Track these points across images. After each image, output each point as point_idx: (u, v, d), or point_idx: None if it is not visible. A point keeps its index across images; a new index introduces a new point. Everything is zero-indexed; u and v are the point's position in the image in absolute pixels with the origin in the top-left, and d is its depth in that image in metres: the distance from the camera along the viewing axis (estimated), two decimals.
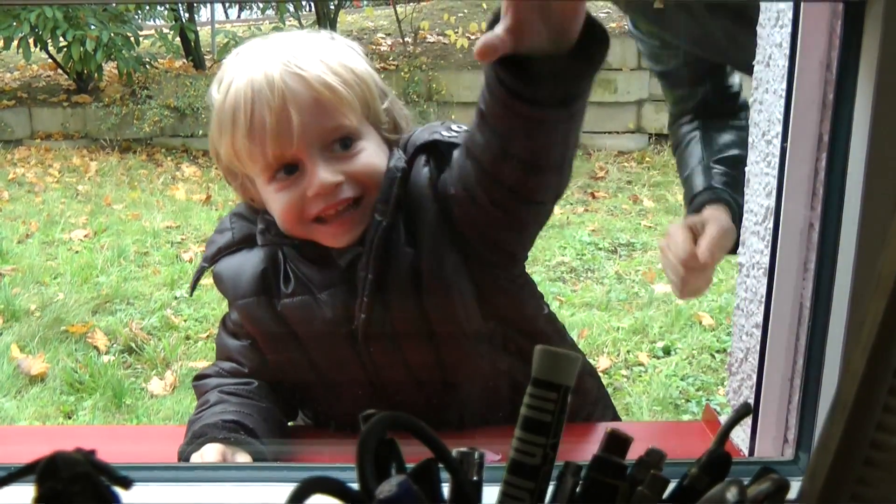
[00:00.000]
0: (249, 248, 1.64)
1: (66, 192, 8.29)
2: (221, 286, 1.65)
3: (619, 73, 10.16)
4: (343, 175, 1.49)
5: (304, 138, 1.46)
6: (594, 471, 0.78)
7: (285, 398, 1.65)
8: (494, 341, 1.61)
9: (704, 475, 0.79)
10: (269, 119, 1.45)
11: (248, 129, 1.47)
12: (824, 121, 1.22)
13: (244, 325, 1.62)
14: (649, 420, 4.05)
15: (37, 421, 4.07)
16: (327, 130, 1.48)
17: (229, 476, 1.26)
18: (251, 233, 1.64)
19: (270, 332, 1.60)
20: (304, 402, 1.71)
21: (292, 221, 1.51)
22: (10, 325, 5.06)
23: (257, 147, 1.47)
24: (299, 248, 1.58)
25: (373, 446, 0.70)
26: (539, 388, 0.74)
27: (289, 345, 1.59)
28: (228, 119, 1.49)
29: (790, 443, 1.34)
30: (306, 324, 1.57)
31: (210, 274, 1.69)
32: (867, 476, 0.75)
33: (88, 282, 5.78)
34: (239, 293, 1.61)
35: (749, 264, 1.48)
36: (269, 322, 1.58)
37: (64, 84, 10.87)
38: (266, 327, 1.60)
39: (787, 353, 1.33)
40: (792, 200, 1.28)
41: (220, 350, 1.69)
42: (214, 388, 1.61)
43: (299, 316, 1.57)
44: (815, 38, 1.21)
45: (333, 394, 1.64)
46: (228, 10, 16.39)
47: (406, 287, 1.51)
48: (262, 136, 1.46)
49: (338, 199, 1.49)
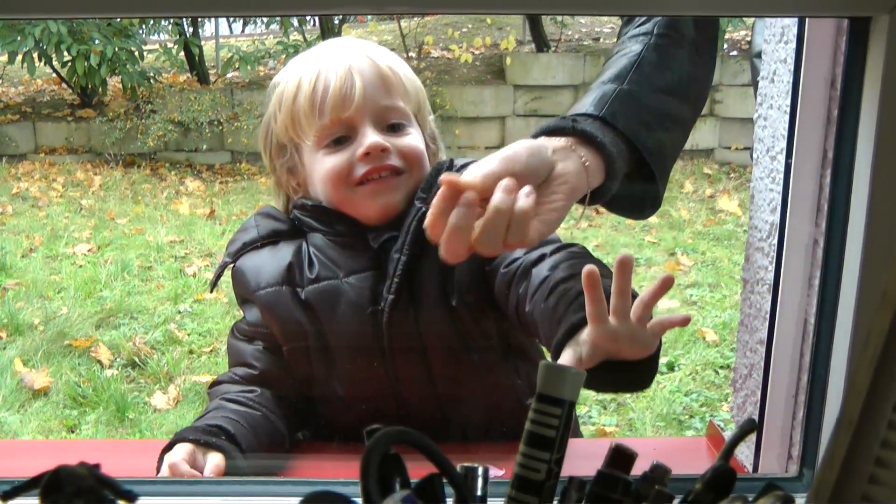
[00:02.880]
0: (274, 245, 1.66)
1: (70, 206, 8.29)
2: (241, 279, 1.66)
3: None
4: (392, 146, 1.57)
5: (362, 105, 1.55)
6: (598, 486, 0.78)
7: (292, 407, 1.65)
8: (507, 355, 1.62)
9: (709, 491, 0.79)
10: (334, 82, 1.56)
11: (311, 91, 1.57)
12: (829, 137, 1.22)
13: (263, 317, 1.63)
14: (652, 436, 4.04)
15: (40, 435, 4.07)
16: (384, 107, 1.59)
17: (233, 490, 1.26)
18: (277, 229, 1.68)
19: (292, 319, 1.60)
20: (310, 408, 1.70)
21: (337, 182, 1.58)
22: (14, 339, 5.05)
23: (317, 107, 1.56)
24: (332, 230, 1.61)
25: (377, 461, 0.70)
26: (543, 403, 0.74)
27: (308, 333, 1.60)
28: (292, 87, 1.59)
29: (794, 459, 1.33)
30: (330, 308, 1.58)
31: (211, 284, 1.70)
32: (871, 493, 0.75)
33: (92, 296, 5.78)
34: (261, 283, 1.62)
35: (753, 280, 1.48)
36: (292, 310, 1.60)
37: (68, 98, 10.88)
38: (287, 315, 1.60)
39: (791, 369, 1.33)
40: (796, 217, 1.28)
41: (232, 356, 1.69)
42: (221, 396, 1.61)
43: (324, 299, 1.59)
44: (820, 54, 1.21)
45: (346, 389, 1.63)
46: (233, 24, 16.42)
47: (435, 278, 1.52)
48: (325, 96, 1.56)
49: (383, 163, 1.56)
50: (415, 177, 1.59)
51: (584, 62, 10.40)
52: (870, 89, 1.10)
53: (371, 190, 1.57)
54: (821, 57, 1.21)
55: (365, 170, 1.55)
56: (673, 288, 5.63)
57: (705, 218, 7.73)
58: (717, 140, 9.37)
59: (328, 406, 1.67)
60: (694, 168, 8.77)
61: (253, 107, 10.31)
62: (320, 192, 1.62)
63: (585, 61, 10.41)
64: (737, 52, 9.12)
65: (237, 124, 10.18)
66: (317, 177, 1.61)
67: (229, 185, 9.53)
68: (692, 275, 6.21)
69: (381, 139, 1.56)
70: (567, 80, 10.32)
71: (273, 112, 1.64)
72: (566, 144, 1.26)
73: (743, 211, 7.46)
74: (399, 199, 1.58)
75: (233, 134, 10.18)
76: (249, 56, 10.73)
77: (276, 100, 1.63)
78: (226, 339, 1.73)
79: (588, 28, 12.24)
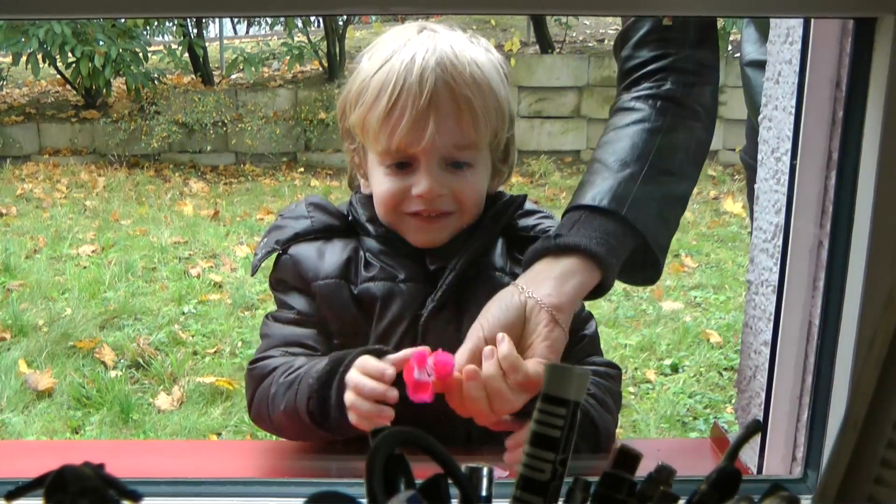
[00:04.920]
0: (327, 240, 1.67)
1: (74, 207, 8.31)
2: (297, 268, 1.65)
3: None
4: (448, 190, 1.57)
5: (431, 146, 1.54)
6: (603, 487, 0.78)
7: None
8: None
9: (714, 492, 0.79)
10: (409, 114, 1.52)
11: (385, 114, 1.54)
12: (834, 138, 1.22)
13: (320, 308, 1.63)
14: (656, 437, 4.03)
15: (44, 436, 4.07)
16: (453, 148, 1.56)
17: (237, 490, 1.26)
18: (330, 225, 1.69)
19: (349, 313, 1.61)
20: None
21: (389, 207, 1.60)
22: (18, 340, 5.06)
23: (386, 133, 1.55)
24: (388, 242, 1.63)
25: (382, 461, 0.70)
26: (548, 403, 0.74)
27: (360, 329, 1.60)
28: (371, 95, 1.56)
29: (799, 461, 1.33)
30: (384, 306, 1.59)
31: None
32: (877, 494, 0.75)
33: (96, 297, 5.78)
34: (320, 274, 1.62)
35: (758, 282, 1.48)
36: (349, 304, 1.60)
37: (72, 100, 10.90)
38: (344, 308, 1.61)
39: (795, 370, 1.33)
40: (801, 218, 1.28)
41: (278, 339, 1.66)
42: (284, 357, 1.63)
43: (379, 297, 1.60)
44: (825, 55, 1.21)
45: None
46: (237, 25, 16.44)
47: (479, 304, 1.52)
48: (397, 126, 1.53)
49: (435, 207, 1.57)
50: (465, 216, 1.62)
51: (589, 64, 10.41)
52: (875, 90, 1.10)
53: (418, 225, 1.60)
54: (826, 58, 1.21)
55: (417, 208, 1.58)
56: (677, 290, 5.64)
57: (709, 220, 7.73)
58: (722, 142, 9.37)
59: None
60: None
61: (257, 108, 10.33)
62: (376, 202, 1.63)
63: (590, 63, 10.41)
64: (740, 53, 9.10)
65: (241, 125, 10.19)
66: (375, 186, 1.63)
67: (233, 186, 9.54)
68: (696, 276, 6.21)
69: (437, 186, 1.56)
70: (571, 82, 10.33)
71: (351, 99, 1.62)
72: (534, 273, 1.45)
73: (747, 212, 7.45)
74: (444, 236, 1.61)
75: (237, 135, 10.19)
76: (254, 57, 10.75)
77: (357, 90, 1.61)
78: (228, 339, 1.72)
79: (593, 29, 12.25)
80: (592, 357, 1.73)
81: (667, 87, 1.55)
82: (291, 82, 10.93)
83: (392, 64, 1.56)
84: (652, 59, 1.58)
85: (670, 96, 1.55)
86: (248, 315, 5.51)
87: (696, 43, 1.59)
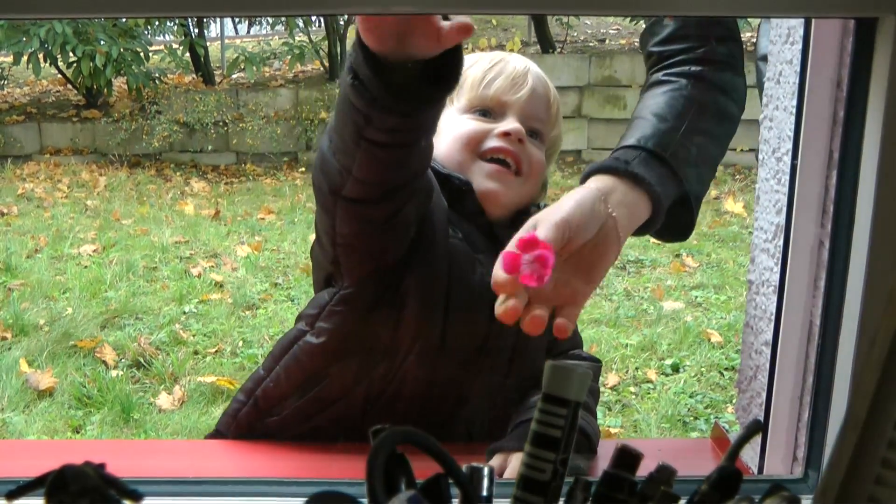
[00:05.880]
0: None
1: (75, 207, 8.31)
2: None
3: (628, 89, 10.19)
4: (525, 147, 1.62)
5: (523, 102, 1.64)
6: (604, 487, 0.78)
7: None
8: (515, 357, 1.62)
9: (715, 492, 0.79)
10: (511, 67, 1.66)
11: (488, 65, 1.67)
12: (835, 138, 1.22)
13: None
14: (657, 437, 4.03)
15: (45, 435, 4.07)
16: (537, 118, 1.66)
17: (238, 490, 1.27)
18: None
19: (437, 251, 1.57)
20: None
21: (467, 144, 1.62)
22: (19, 339, 5.06)
23: (485, 81, 1.65)
24: (467, 213, 1.61)
25: (382, 461, 0.70)
26: (549, 403, 0.74)
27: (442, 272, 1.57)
28: (470, 59, 1.66)
29: (799, 461, 1.33)
30: (462, 270, 1.57)
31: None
32: (878, 494, 0.75)
33: (97, 297, 5.79)
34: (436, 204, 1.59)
35: (759, 282, 1.48)
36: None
37: (73, 99, 10.91)
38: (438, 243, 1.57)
39: (796, 370, 1.33)
40: (802, 218, 1.28)
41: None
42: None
43: (461, 259, 1.57)
44: (826, 55, 1.21)
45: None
46: (238, 25, 16.45)
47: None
48: (498, 74, 1.65)
49: (514, 150, 1.60)
50: (528, 187, 1.63)
51: (590, 63, 10.41)
52: (876, 90, 1.10)
53: (489, 170, 1.60)
54: (827, 58, 1.21)
55: (496, 145, 1.59)
56: (678, 289, 5.63)
57: (711, 219, 7.73)
58: None
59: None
60: None
61: (258, 107, 10.33)
62: (443, 150, 1.62)
63: (591, 62, 10.42)
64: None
65: (242, 125, 10.20)
66: (449, 134, 1.63)
67: (234, 185, 9.55)
68: (697, 276, 6.22)
69: (522, 128, 1.60)
70: (572, 82, 10.33)
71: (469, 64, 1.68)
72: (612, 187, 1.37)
73: (748, 212, 7.45)
74: (506, 195, 1.60)
75: (238, 135, 10.20)
76: (255, 57, 10.75)
77: (477, 60, 1.70)
78: (229, 339, 1.73)
79: (594, 29, 12.26)
80: (576, 350, 1.74)
81: (698, 70, 1.56)
82: (292, 82, 10.94)
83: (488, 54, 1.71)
84: (681, 51, 1.59)
85: (702, 76, 1.56)
86: (249, 315, 5.51)
87: (721, 38, 1.60)
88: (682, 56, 1.60)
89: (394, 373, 1.56)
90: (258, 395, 1.65)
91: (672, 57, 1.60)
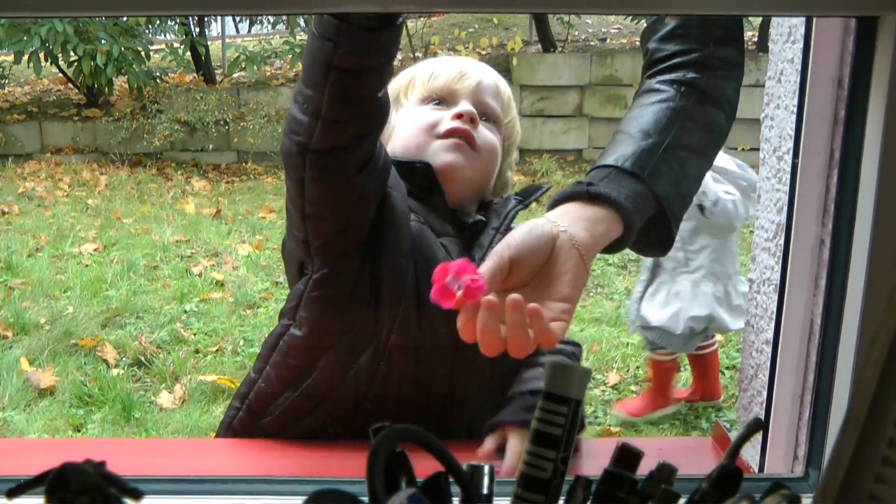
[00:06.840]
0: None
1: (76, 205, 8.31)
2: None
3: (629, 88, 10.17)
4: (478, 128, 1.70)
5: (473, 88, 1.73)
6: (604, 485, 0.78)
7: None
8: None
9: (715, 490, 0.79)
10: (457, 62, 1.77)
11: (435, 63, 1.78)
12: (836, 137, 1.22)
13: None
14: (658, 436, 4.04)
15: (46, 434, 4.07)
16: (487, 104, 1.75)
17: (238, 489, 1.27)
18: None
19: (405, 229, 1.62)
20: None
21: (423, 129, 1.69)
22: (20, 338, 5.06)
23: (434, 74, 1.75)
24: (427, 197, 1.67)
25: (383, 459, 0.70)
26: (550, 401, 0.74)
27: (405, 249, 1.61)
28: (418, 65, 1.81)
29: (800, 459, 1.33)
30: (426, 252, 1.60)
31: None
32: (878, 492, 0.75)
33: (98, 295, 5.79)
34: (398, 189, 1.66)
35: (759, 280, 1.48)
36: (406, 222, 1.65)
37: (74, 98, 10.90)
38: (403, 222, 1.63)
39: (797, 369, 1.33)
40: (803, 217, 1.28)
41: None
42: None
43: (425, 241, 1.61)
44: (827, 54, 1.21)
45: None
46: (239, 24, 16.44)
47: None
48: (445, 69, 1.75)
49: (468, 128, 1.67)
50: (482, 164, 1.69)
51: (591, 62, 10.40)
52: (877, 89, 1.10)
53: (447, 144, 1.66)
54: (828, 56, 1.21)
55: (452, 126, 1.66)
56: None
57: None
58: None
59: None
60: None
61: (259, 106, 10.32)
62: (401, 141, 1.70)
63: (592, 62, 10.41)
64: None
65: (243, 124, 10.19)
66: (406, 126, 1.71)
67: (235, 184, 9.55)
68: None
69: (474, 110, 1.69)
70: (573, 81, 10.32)
71: (414, 66, 1.82)
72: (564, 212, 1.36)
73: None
74: (462, 168, 1.65)
75: (239, 134, 10.19)
76: (256, 56, 10.74)
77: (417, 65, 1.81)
78: (230, 338, 1.73)
79: (595, 28, 12.24)
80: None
81: (691, 77, 1.55)
82: (293, 81, 10.93)
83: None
84: (678, 53, 1.59)
85: (694, 84, 1.55)
86: (250, 313, 5.52)
87: (723, 40, 1.59)
88: (679, 59, 1.59)
89: (378, 361, 1.57)
90: (251, 398, 1.67)
91: (669, 59, 1.60)
